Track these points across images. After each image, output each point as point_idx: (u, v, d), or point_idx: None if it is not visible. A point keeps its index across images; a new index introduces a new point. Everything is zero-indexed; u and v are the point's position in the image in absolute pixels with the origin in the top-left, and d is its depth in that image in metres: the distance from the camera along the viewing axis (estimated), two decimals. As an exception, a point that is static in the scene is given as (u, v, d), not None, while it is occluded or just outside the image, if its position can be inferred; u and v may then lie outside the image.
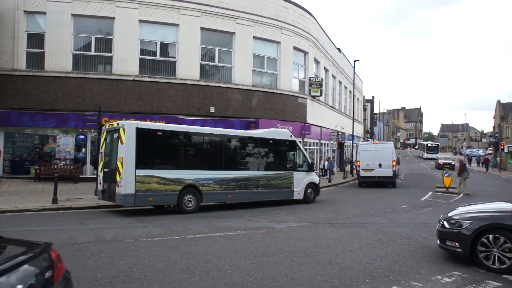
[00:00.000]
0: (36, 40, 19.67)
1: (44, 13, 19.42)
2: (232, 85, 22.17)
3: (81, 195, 15.20)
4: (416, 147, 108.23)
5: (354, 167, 29.16)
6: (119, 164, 11.43)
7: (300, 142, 20.27)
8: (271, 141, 15.31)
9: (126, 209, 12.58)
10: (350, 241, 8.47)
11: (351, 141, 37.80)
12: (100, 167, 12.85)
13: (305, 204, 15.28)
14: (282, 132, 16.45)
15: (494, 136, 54.86)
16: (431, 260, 6.98)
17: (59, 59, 19.41)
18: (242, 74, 22.52)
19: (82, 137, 20.09)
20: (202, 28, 21.34)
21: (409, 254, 7.42)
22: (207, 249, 7.52)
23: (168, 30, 20.93)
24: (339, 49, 37.57)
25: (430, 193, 19.98)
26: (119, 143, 11.56)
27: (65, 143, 19.91)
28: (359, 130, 46.78)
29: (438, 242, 7.27)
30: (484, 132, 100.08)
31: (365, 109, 57.34)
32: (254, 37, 23.01)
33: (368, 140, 52.06)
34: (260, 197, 14.66)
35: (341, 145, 37.58)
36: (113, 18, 19.87)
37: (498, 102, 55.68)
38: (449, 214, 7.36)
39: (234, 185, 13.71)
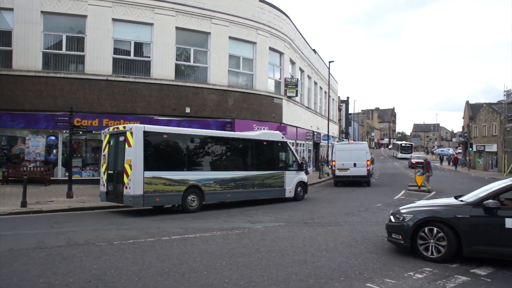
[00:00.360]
0: (2, 37, 18.98)
1: (12, 9, 18.75)
2: (207, 85, 22.03)
3: (52, 197, 14.75)
4: (389, 147, 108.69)
5: (329, 166, 29.56)
6: (127, 166, 11.75)
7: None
8: (265, 143, 15.99)
9: (100, 212, 12.34)
10: (325, 240, 8.56)
11: (326, 141, 38.27)
12: (103, 169, 13.05)
13: (281, 204, 15.35)
14: (274, 134, 17.10)
15: (463, 135, 56.63)
16: (404, 258, 7.13)
17: (28, 58, 18.79)
18: (218, 74, 22.42)
19: (53, 138, 19.54)
20: (177, 28, 21.13)
21: (383, 252, 7.56)
22: (183, 251, 7.44)
23: (143, 29, 20.61)
24: (314, 50, 37.95)
25: (403, 191, 20.44)
26: (126, 146, 11.86)
27: (35, 144, 19.30)
28: (334, 130, 47.38)
29: (386, 235, 7.81)
30: (454, 132, 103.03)
31: (340, 110, 58.12)
32: (230, 37, 22.96)
33: (343, 140, 52.83)
34: (255, 196, 15.21)
35: (316, 145, 37.97)
36: (85, 16, 19.39)
37: (467, 103, 57.55)
38: (398, 209, 7.95)
39: (233, 185, 14.26)
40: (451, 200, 7.75)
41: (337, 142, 38.86)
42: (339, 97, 57.43)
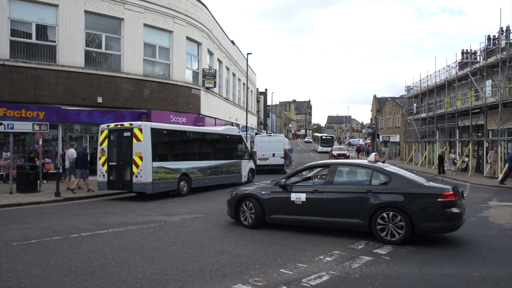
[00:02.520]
0: None
1: None
2: (121, 74, 20.96)
3: None
4: (307, 140, 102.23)
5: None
6: (136, 158, 13.50)
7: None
8: (228, 136, 19.11)
9: (-3, 211, 11.14)
10: (241, 229, 8.69)
11: (245, 132, 38.79)
12: (101, 161, 14.35)
13: (198, 195, 15.25)
14: (234, 129, 20.92)
15: (371, 127, 61.09)
16: (316, 243, 7.51)
17: None
18: (133, 63, 21.44)
19: None
20: (86, 12, 19.68)
21: (297, 239, 7.88)
22: (93, 248, 7.04)
23: (46, 10, 18.84)
24: (232, 42, 38.04)
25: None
26: (135, 141, 13.59)
27: None
28: (253, 121, 48.17)
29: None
30: (364, 124, 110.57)
31: (258, 101, 59.21)
32: (145, 25, 22.03)
33: (262, 132, 54.02)
34: (224, 180, 17.84)
35: (235, 136, 38.22)
36: (-24, -7, 17.22)
37: (374, 96, 62.11)
38: (237, 188, 9.82)
39: (209, 172, 16.82)
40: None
41: (257, 134, 39.88)
42: (257, 89, 58.45)
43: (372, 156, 8.49)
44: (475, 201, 14.10)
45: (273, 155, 26.05)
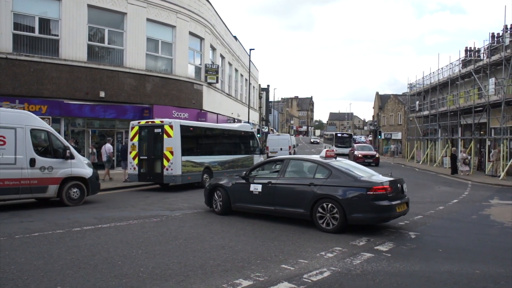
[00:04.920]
0: None
1: None
2: (124, 68, 20.96)
3: None
4: (313, 139, 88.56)
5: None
6: (167, 153, 14.66)
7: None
8: (243, 133, 20.65)
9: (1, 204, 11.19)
10: (243, 225, 8.71)
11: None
12: (132, 155, 15.63)
13: (200, 190, 15.23)
14: (247, 126, 22.64)
15: (373, 124, 61.02)
16: (317, 239, 7.52)
17: None
18: (135, 58, 21.42)
19: None
20: (89, 6, 19.65)
21: (298, 235, 7.90)
22: (95, 242, 7.08)
23: (49, 4, 18.81)
24: (235, 37, 37.95)
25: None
26: (165, 137, 14.72)
27: None
28: (254, 117, 48.15)
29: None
30: (366, 121, 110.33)
31: (260, 97, 59.13)
32: (148, 19, 21.99)
33: (264, 128, 54.22)
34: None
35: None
36: (-20, -14, 17.19)
37: (377, 93, 61.93)
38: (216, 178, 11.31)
39: (227, 166, 17.95)
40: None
41: (271, 133, 51.23)
42: (259, 85, 58.36)
43: (324, 152, 9.50)
44: (477, 200, 14.10)
45: (281, 149, 33.11)
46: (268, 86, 69.99)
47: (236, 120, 34.58)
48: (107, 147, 17.58)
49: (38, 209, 10.67)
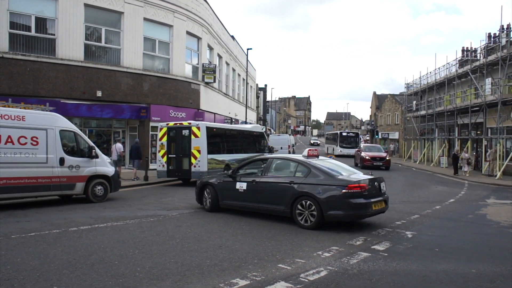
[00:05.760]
0: None
1: None
2: (121, 68, 20.90)
3: None
4: (313, 141, 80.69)
5: None
6: (195, 151, 16.18)
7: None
8: (255, 133, 22.84)
9: (-4, 203, 11.16)
10: (241, 224, 8.71)
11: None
12: (160, 154, 17.08)
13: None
14: (258, 126, 25.24)
15: (370, 124, 61.16)
16: (314, 239, 7.53)
17: None
18: (132, 57, 21.37)
19: None
20: (86, 5, 19.57)
21: (295, 234, 7.90)
22: (92, 241, 7.06)
23: (46, 3, 18.72)
24: (232, 37, 37.90)
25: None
26: (193, 137, 16.24)
27: None
28: (252, 117, 48.12)
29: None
30: (363, 120, 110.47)
31: (258, 97, 59.11)
32: (145, 19, 21.93)
33: (262, 128, 54.57)
34: None
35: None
36: (-24, -15, 17.10)
37: (374, 93, 62.08)
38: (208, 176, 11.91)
39: None
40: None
41: (272, 134, 54.34)
42: (257, 84, 58.32)
43: (306, 151, 9.58)
44: (473, 199, 14.15)
45: (281, 148, 35.68)
46: (266, 85, 70.04)
47: (233, 119, 34.56)
48: (118, 146, 18.00)
49: (34, 209, 10.63)
